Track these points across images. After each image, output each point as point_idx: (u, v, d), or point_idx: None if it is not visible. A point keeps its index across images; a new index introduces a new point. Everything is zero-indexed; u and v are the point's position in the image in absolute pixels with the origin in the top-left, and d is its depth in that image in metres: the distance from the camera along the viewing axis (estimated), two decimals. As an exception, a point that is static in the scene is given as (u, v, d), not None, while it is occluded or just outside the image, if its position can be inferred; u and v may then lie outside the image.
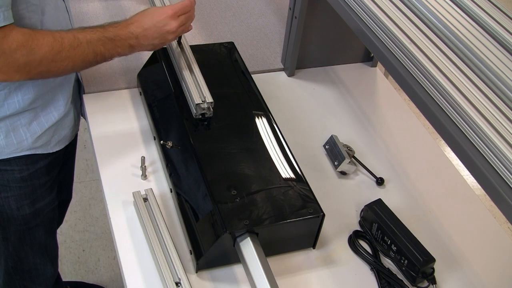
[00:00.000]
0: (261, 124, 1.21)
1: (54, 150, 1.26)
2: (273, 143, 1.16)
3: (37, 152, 1.22)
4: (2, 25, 0.96)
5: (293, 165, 1.12)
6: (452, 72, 0.95)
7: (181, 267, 1.00)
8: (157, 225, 1.06)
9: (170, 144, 1.16)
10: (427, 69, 0.97)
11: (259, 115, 1.23)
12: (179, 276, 0.99)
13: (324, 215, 1.05)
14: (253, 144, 1.15)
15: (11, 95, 1.12)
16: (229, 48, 1.40)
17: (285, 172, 1.11)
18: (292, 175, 1.10)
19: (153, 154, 1.24)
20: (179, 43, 1.29)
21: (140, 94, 1.36)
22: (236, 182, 1.07)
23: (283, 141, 1.17)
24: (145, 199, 1.11)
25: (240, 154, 1.13)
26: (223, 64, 1.35)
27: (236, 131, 1.17)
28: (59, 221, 1.61)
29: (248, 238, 1.01)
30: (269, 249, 1.03)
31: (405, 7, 1.10)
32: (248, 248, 1.00)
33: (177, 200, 1.12)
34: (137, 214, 1.11)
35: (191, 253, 1.05)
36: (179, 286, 0.98)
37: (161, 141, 1.18)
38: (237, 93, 1.28)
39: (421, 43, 1.01)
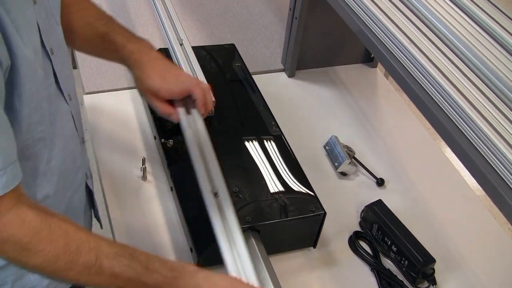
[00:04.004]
0: (262, 124, 1.21)
1: (69, 286, 0.98)
2: (274, 143, 1.16)
3: None
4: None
5: (294, 163, 1.13)
6: (452, 73, 0.96)
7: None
8: None
9: (170, 142, 1.16)
10: (427, 69, 0.97)
11: (260, 115, 1.23)
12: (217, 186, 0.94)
13: (325, 213, 1.05)
14: (254, 144, 1.15)
15: None
16: (230, 49, 1.40)
17: (287, 170, 1.11)
18: (294, 174, 1.10)
19: (153, 154, 1.24)
20: (181, 45, 1.29)
21: (141, 94, 1.36)
22: (238, 180, 1.07)
23: (284, 140, 1.17)
24: None
25: (241, 153, 1.13)
26: (224, 65, 1.35)
27: (238, 130, 1.18)
28: None
29: (250, 235, 1.01)
30: (270, 247, 1.03)
31: (405, 8, 1.10)
32: (250, 245, 1.00)
33: (178, 198, 1.12)
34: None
35: (191, 251, 1.05)
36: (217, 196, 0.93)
37: (162, 140, 1.18)
38: (238, 93, 1.28)
39: (421, 43, 1.01)
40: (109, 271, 0.75)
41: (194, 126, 1.04)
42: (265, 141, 1.17)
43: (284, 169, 1.11)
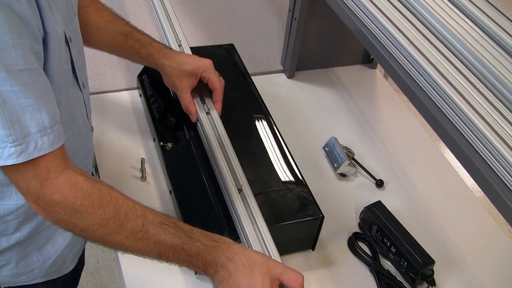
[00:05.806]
0: (261, 126, 1.21)
1: (71, 269, 1.03)
2: (272, 145, 1.16)
3: (52, 278, 0.99)
4: (48, 152, 0.72)
5: (292, 167, 1.12)
6: (452, 74, 0.95)
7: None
8: None
9: (169, 145, 1.16)
10: (426, 71, 0.97)
11: (259, 117, 1.23)
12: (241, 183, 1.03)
13: (323, 217, 1.05)
14: (252, 146, 1.15)
15: (28, 220, 0.89)
16: (229, 50, 1.40)
17: (285, 174, 1.11)
18: (292, 177, 1.10)
19: (152, 155, 1.23)
20: (179, 45, 1.29)
21: (140, 96, 1.36)
22: (236, 184, 1.07)
23: (283, 142, 1.17)
24: None
25: (239, 156, 1.13)
26: (223, 66, 1.35)
27: (236, 133, 1.17)
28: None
29: (248, 239, 1.01)
30: (269, 250, 1.03)
31: (405, 9, 1.10)
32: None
33: (177, 201, 1.11)
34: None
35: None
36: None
37: (161, 143, 1.18)
38: (237, 95, 1.28)
39: (420, 44, 1.01)
40: (154, 238, 0.80)
41: (213, 124, 1.13)
42: (263, 144, 1.16)
43: (283, 172, 1.11)
